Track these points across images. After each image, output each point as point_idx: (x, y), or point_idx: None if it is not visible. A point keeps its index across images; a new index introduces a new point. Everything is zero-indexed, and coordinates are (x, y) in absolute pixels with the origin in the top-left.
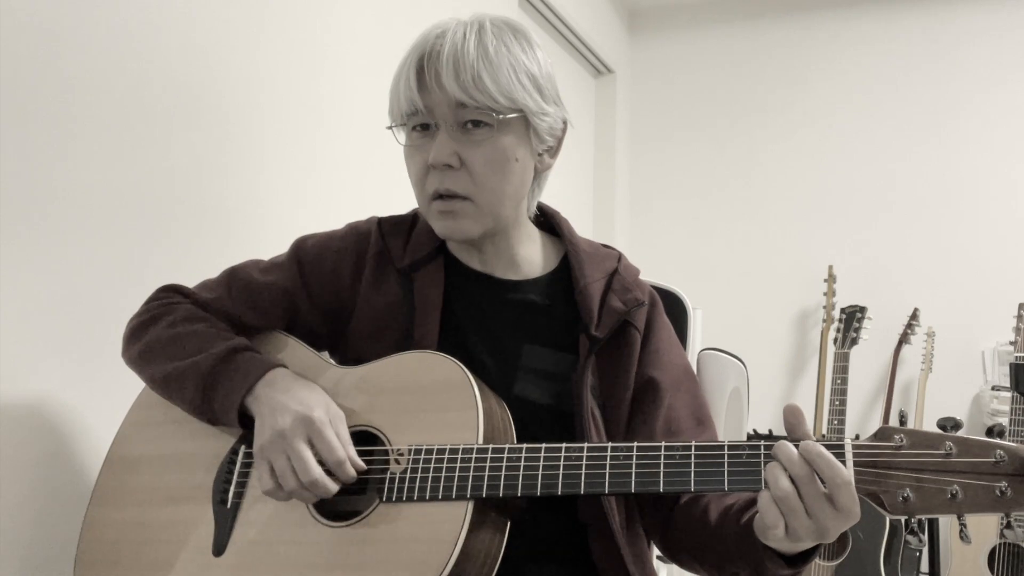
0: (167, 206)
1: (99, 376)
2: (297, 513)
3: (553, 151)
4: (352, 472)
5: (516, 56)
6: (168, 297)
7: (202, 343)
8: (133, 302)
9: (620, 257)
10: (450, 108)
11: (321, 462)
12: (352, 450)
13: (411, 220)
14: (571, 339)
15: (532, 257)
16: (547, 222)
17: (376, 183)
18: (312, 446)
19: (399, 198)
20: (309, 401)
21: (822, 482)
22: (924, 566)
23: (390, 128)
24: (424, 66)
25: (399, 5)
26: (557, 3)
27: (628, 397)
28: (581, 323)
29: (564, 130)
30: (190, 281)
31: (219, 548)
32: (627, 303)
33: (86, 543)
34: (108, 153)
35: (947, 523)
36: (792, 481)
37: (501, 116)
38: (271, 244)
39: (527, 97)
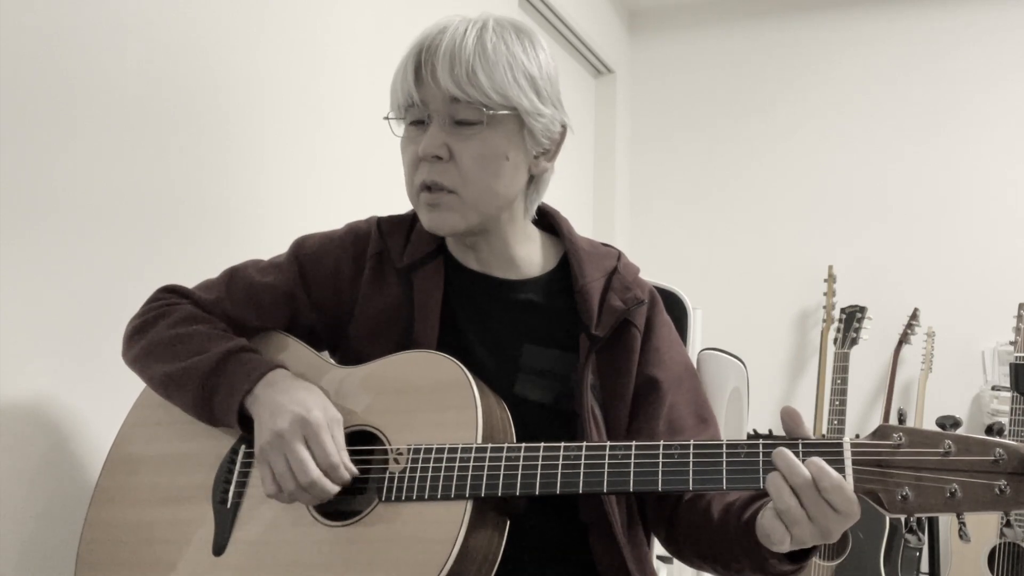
0: (167, 206)
1: (99, 376)
2: (297, 513)
3: (550, 155)
4: (345, 476)
5: (515, 55)
6: (168, 298)
7: (202, 344)
8: (133, 302)
9: (619, 256)
10: (443, 102)
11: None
12: (345, 455)
13: (411, 220)
14: (571, 338)
15: (531, 257)
16: (546, 221)
17: (376, 183)
18: (309, 448)
19: (399, 198)
20: (307, 403)
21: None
22: (924, 566)
23: (387, 119)
24: (422, 60)
25: (399, 5)
26: (557, 3)
27: (629, 396)
28: (581, 322)
29: (563, 134)
30: (190, 281)
31: (219, 548)
32: (627, 302)
33: (87, 543)
34: (108, 153)
35: (947, 523)
36: (794, 491)
37: (492, 112)
38: (271, 244)
39: (522, 96)
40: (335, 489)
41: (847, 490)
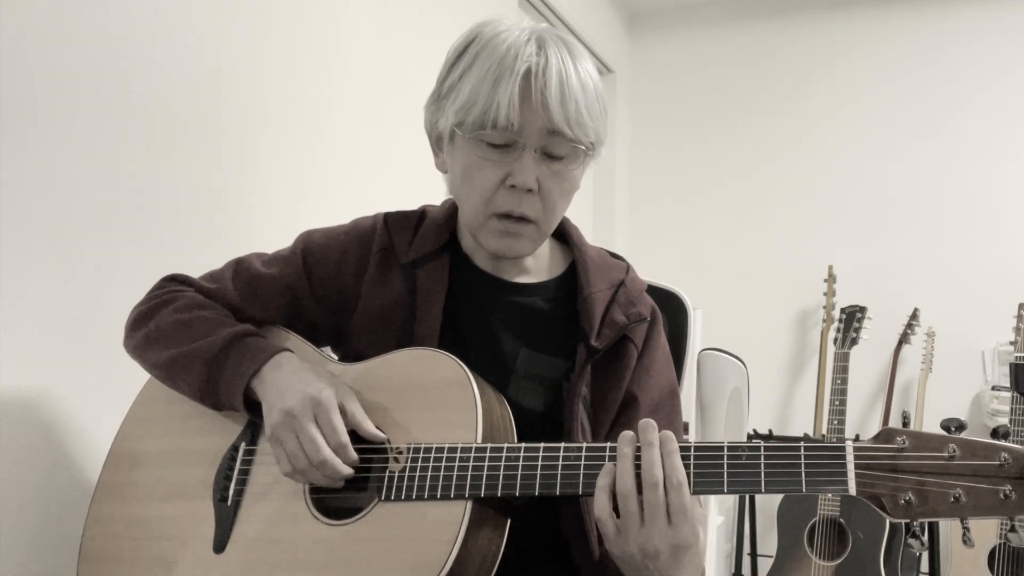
0: (165, 203)
1: (99, 372)
2: (297, 511)
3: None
4: (353, 455)
5: (597, 85)
6: (172, 286)
7: (207, 328)
8: (132, 298)
9: (628, 269)
10: (541, 133)
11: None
12: (368, 424)
13: (418, 216)
14: (569, 347)
15: (539, 262)
16: (556, 227)
17: (379, 181)
18: (319, 427)
19: (405, 196)
20: (316, 382)
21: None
22: (924, 566)
23: (455, 131)
24: (531, 84)
25: (399, 3)
26: (557, 3)
27: (615, 411)
28: (581, 332)
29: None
30: (192, 275)
31: (220, 545)
32: (630, 317)
33: (89, 539)
34: (108, 151)
35: (947, 522)
36: (639, 483)
37: (588, 153)
38: (273, 240)
39: (604, 132)
40: (348, 470)
41: (687, 502)
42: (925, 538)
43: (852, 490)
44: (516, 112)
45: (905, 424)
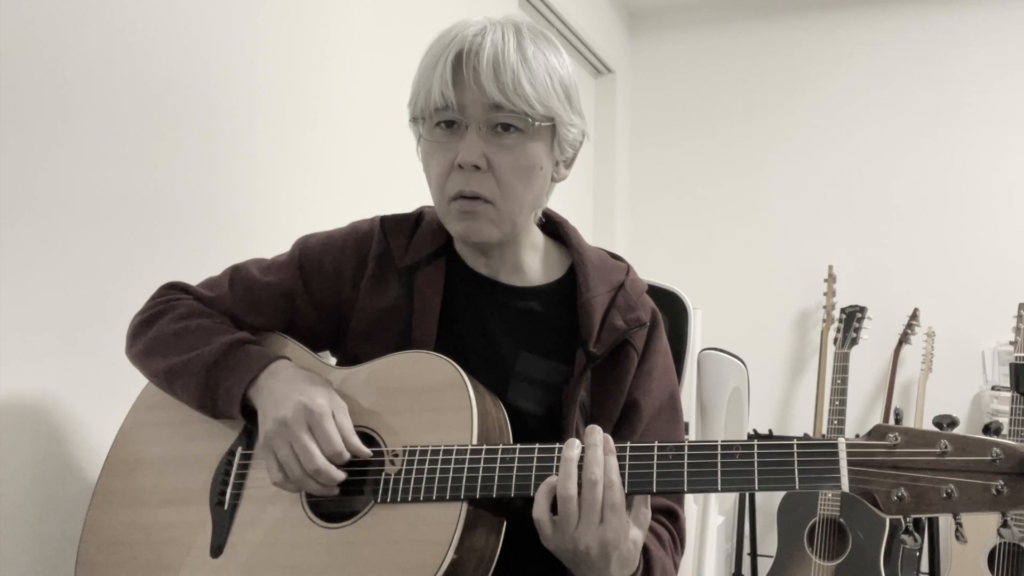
0: (166, 205)
1: (99, 377)
2: (293, 514)
3: (569, 162)
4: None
5: (551, 63)
6: (171, 294)
7: (205, 337)
8: (132, 301)
9: (628, 270)
10: (483, 108)
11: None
12: (355, 439)
13: (415, 219)
14: (568, 351)
15: (536, 264)
16: (554, 229)
17: (374, 182)
18: (313, 435)
19: (404, 196)
20: (311, 391)
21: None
22: (924, 566)
23: (414, 120)
24: (463, 62)
25: (397, 2)
26: (557, 3)
27: (615, 417)
28: (580, 337)
29: (582, 142)
30: (190, 279)
31: (217, 550)
32: (629, 322)
33: (86, 545)
34: (108, 152)
35: (947, 522)
36: (579, 483)
37: (536, 123)
38: (270, 243)
39: (559, 106)
40: (341, 475)
41: (618, 500)
42: (921, 537)
43: (845, 487)
44: (450, 90)
45: (897, 421)
